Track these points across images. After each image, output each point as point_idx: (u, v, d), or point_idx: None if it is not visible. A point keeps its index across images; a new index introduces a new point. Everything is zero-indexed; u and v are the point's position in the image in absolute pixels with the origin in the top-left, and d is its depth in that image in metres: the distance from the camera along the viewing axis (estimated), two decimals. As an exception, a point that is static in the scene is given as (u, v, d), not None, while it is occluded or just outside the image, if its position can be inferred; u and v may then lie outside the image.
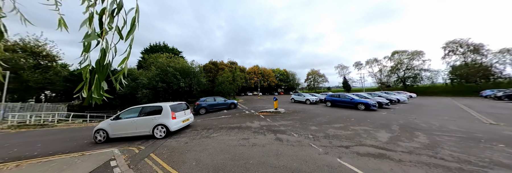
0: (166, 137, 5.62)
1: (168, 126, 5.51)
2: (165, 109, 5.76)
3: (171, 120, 5.66)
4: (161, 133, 5.53)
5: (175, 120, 5.81)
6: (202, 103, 12.22)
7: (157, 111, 5.79)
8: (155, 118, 5.62)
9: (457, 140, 4.68)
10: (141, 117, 5.72)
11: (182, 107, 6.72)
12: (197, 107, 11.93)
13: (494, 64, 27.50)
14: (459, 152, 3.78)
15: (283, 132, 5.63)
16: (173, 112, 5.82)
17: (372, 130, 5.73)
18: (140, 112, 5.85)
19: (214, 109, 12.74)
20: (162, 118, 5.60)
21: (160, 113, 5.70)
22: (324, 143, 4.43)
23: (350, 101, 11.96)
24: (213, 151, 4.04)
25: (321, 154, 3.69)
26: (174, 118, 5.81)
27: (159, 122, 5.53)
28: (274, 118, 8.34)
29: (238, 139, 4.98)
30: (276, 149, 3.99)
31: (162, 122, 5.53)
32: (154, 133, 5.52)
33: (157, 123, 5.53)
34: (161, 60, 20.45)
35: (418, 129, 5.89)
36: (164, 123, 5.53)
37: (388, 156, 3.57)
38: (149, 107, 5.97)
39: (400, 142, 4.49)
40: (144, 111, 5.88)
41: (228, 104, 13.74)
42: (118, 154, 4.06)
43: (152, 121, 5.59)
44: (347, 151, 3.86)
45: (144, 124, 5.59)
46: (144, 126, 5.58)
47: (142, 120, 5.65)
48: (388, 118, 8.11)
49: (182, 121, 6.21)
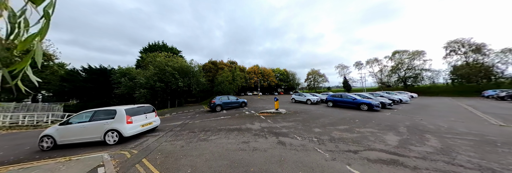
0: (121, 142, 5.21)
1: (121, 132, 5.13)
2: (119, 113, 5.36)
3: (125, 125, 5.25)
4: (114, 139, 5.14)
5: (130, 124, 5.39)
6: (218, 101, 12.77)
7: (110, 115, 5.39)
8: (107, 123, 5.23)
9: (471, 143, 4.39)
10: (92, 122, 5.33)
11: (145, 110, 6.30)
12: (213, 105, 12.38)
13: (496, 64, 27.28)
14: (478, 157, 3.48)
15: (285, 134, 5.33)
16: (128, 116, 5.42)
17: (379, 133, 5.43)
18: (92, 116, 5.45)
19: (228, 106, 13.42)
20: (115, 123, 5.22)
21: (113, 117, 5.31)
22: (330, 147, 4.13)
23: (353, 102, 11.67)
24: (210, 156, 3.73)
25: (328, 160, 3.39)
26: (130, 122, 5.39)
27: (111, 127, 5.16)
28: (275, 119, 8.04)
29: (237, 142, 4.67)
30: (279, 155, 3.68)
31: (114, 127, 5.16)
32: (106, 139, 5.13)
33: (109, 128, 5.15)
34: (159, 59, 20.07)
35: (427, 131, 5.60)
36: (117, 128, 5.14)
37: (402, 163, 3.27)
38: (103, 111, 5.57)
39: (411, 146, 4.20)
40: (97, 115, 5.48)
41: (239, 103, 14.23)
42: (107, 160, 3.75)
43: (103, 126, 5.21)
44: (356, 156, 3.56)
45: (94, 130, 5.21)
46: (95, 131, 5.21)
47: (93, 125, 5.27)
48: (393, 119, 7.82)
49: (141, 126, 5.78)
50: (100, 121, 5.33)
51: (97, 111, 5.60)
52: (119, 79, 21.02)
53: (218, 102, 12.73)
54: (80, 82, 22.11)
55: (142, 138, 5.87)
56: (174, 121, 9.80)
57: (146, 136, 6.15)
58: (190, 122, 8.66)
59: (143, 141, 5.43)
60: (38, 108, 19.05)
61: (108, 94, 23.76)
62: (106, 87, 23.13)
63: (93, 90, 22.81)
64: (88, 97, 23.33)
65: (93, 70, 24.51)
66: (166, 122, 9.45)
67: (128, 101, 22.79)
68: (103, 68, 25.26)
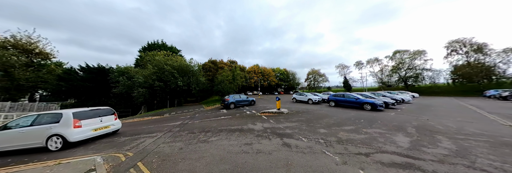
0: (65, 148, 4.85)
1: (65, 137, 4.78)
2: (65, 117, 5.00)
3: (71, 130, 4.90)
4: (57, 145, 4.79)
5: (79, 129, 5.04)
6: (232, 99, 13.67)
7: (55, 119, 5.02)
8: (50, 127, 4.86)
9: (486, 145, 4.15)
10: (33, 126, 4.93)
11: (100, 113, 5.94)
12: (228, 102, 13.22)
13: (498, 63, 27.13)
14: (499, 161, 3.24)
15: (290, 136, 5.06)
16: (76, 120, 5.07)
17: (388, 134, 5.18)
18: (34, 120, 5.06)
19: (240, 104, 14.27)
20: (60, 127, 4.86)
21: (58, 121, 4.95)
22: (339, 149, 3.87)
23: (356, 101, 11.43)
24: (211, 159, 3.46)
25: (339, 164, 3.13)
26: (78, 126, 5.05)
27: (55, 132, 4.79)
28: (278, 119, 7.78)
29: (240, 144, 4.40)
30: (285, 158, 3.42)
31: (58, 131, 4.80)
32: (48, 144, 4.77)
33: (52, 133, 4.79)
34: (158, 58, 19.74)
35: (437, 132, 5.37)
36: (61, 133, 4.79)
37: (419, 167, 3.02)
38: (47, 115, 5.19)
39: (424, 148, 3.95)
40: (40, 119, 5.10)
41: (249, 101, 14.98)
42: (100, 163, 3.47)
43: (46, 131, 4.82)
44: (368, 160, 3.30)
45: (35, 135, 4.82)
46: (35, 137, 4.81)
47: (34, 130, 4.87)
48: (399, 119, 7.59)
49: (93, 130, 5.43)
50: (42, 125, 4.94)
51: (41, 114, 5.20)
52: (117, 78, 20.66)
53: (232, 100, 13.57)
54: (78, 81, 21.71)
55: (139, 139, 5.60)
56: (173, 121, 9.52)
57: (143, 137, 5.88)
58: (190, 122, 8.39)
59: (140, 142, 5.16)
60: (34, 107, 18.72)
61: (106, 94, 23.37)
62: (104, 87, 22.75)
63: (91, 90, 22.41)
64: (86, 97, 22.94)
65: (91, 69, 24.12)
66: (165, 122, 9.18)
67: (126, 100, 22.43)
68: (101, 67, 24.86)
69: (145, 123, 9.86)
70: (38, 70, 21.33)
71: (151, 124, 8.92)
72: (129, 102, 22.21)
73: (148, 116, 13.35)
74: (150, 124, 8.96)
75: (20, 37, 19.63)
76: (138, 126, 8.62)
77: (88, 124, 5.37)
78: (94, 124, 5.59)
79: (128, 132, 7.05)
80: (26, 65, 19.91)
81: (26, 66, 19.68)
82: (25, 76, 18.97)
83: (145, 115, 14.69)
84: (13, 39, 19.18)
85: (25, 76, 18.97)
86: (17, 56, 18.71)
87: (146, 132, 6.77)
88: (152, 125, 8.69)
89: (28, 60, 20.49)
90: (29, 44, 20.30)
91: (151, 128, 7.73)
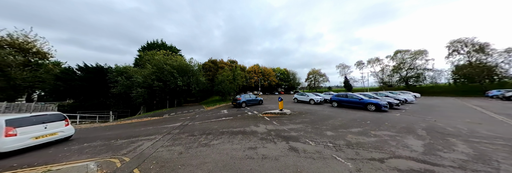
0: None
1: None
2: None
3: (2, 139, 4.33)
4: None
5: (12, 137, 4.47)
6: (243, 98, 14.57)
7: None
8: None
9: (506, 149, 3.91)
10: None
11: (45, 119, 5.33)
12: (240, 101, 14.08)
13: (500, 63, 26.93)
14: (526, 168, 3.00)
15: (296, 139, 4.81)
16: (10, 128, 4.49)
17: (398, 136, 4.94)
18: None
19: (251, 103, 15.25)
20: None
21: None
22: (350, 154, 3.62)
23: (359, 102, 11.19)
24: (213, 166, 3.20)
25: (353, 171, 2.88)
26: (12, 135, 4.48)
27: None
28: (281, 121, 7.52)
29: (243, 148, 4.14)
30: (293, 164, 3.16)
31: None
32: None
33: None
34: (158, 58, 19.43)
35: (449, 134, 5.13)
36: None
37: (440, 175, 2.77)
38: None
39: (440, 153, 3.71)
40: None
41: (258, 100, 16.02)
42: (93, 170, 3.21)
43: None
44: (383, 166, 3.05)
45: None
46: None
47: None
48: (406, 120, 7.35)
49: (34, 138, 4.84)
50: None
51: None
52: (116, 78, 20.36)
53: (243, 99, 14.50)
54: (76, 81, 21.39)
55: (137, 142, 5.33)
56: (172, 122, 9.25)
57: (141, 139, 5.62)
58: (190, 124, 8.12)
59: (137, 145, 4.90)
60: (31, 108, 18.39)
61: (105, 94, 23.03)
62: (102, 86, 22.43)
63: (89, 89, 22.09)
64: (84, 97, 22.62)
65: (89, 68, 23.78)
66: (164, 124, 8.91)
67: (125, 100, 22.13)
68: (99, 66, 24.52)
69: (144, 124, 9.59)
70: (36, 69, 21.00)
71: (149, 126, 8.65)
72: (128, 103, 21.90)
73: (147, 117, 13.07)
74: (148, 126, 8.69)
75: (16, 36, 19.30)
76: (136, 128, 8.35)
77: (27, 132, 4.78)
78: (36, 131, 5.01)
79: (126, 134, 6.79)
80: (23, 64, 19.58)
81: (23, 66, 19.35)
82: (22, 76, 18.64)
83: (144, 116, 14.41)
84: (10, 38, 18.84)
85: (22, 76, 18.64)
86: (13, 55, 18.39)
87: (145, 134, 6.50)
88: (151, 126, 8.42)
89: (25, 60, 20.15)
90: (26, 43, 19.95)
91: (150, 129, 7.46)
